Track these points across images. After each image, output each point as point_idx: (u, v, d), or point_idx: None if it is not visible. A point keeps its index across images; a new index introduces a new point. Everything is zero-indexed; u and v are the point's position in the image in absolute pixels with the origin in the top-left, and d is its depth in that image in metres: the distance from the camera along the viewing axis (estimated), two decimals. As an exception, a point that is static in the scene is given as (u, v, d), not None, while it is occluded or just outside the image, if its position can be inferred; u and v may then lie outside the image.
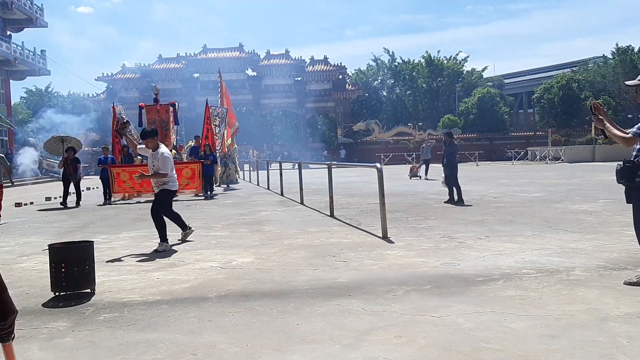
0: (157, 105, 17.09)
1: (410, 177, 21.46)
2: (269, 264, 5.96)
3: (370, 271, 5.44)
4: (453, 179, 11.63)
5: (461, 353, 3.21)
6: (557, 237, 6.97)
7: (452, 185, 11.66)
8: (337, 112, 52.34)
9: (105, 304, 4.59)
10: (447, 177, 11.76)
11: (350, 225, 8.85)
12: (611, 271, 5.08)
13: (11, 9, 34.96)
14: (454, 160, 11.80)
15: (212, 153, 16.63)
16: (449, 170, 11.71)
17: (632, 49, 48.45)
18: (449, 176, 11.69)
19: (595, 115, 4.64)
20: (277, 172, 16.66)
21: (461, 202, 11.38)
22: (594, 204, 10.56)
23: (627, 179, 4.54)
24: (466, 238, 7.16)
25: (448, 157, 11.82)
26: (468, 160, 41.50)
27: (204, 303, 4.49)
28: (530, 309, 4.00)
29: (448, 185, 11.76)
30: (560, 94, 47.74)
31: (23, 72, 39.88)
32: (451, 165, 11.69)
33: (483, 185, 16.89)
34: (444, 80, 61.45)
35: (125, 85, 51.16)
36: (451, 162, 11.73)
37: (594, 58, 55.56)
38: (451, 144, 12.07)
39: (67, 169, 14.42)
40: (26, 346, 3.58)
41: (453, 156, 11.83)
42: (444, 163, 11.86)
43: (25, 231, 9.53)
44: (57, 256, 4.78)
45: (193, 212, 11.92)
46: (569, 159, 35.57)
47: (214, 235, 8.20)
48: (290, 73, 52.06)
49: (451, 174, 11.66)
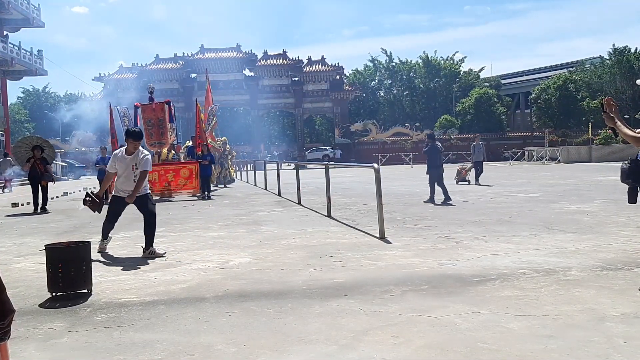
0: (153, 104, 17.09)
1: (457, 181, 18.00)
2: (266, 264, 5.96)
3: (368, 271, 5.44)
4: (438, 179, 11.95)
5: (458, 353, 3.22)
6: (554, 238, 6.98)
7: (437, 185, 11.98)
8: (335, 112, 52.39)
9: (102, 304, 4.59)
10: (431, 178, 12.11)
11: (347, 225, 8.86)
12: (608, 271, 5.09)
13: (8, 8, 34.85)
14: (439, 160, 12.21)
15: (209, 153, 16.63)
16: (433, 171, 12.04)
17: (629, 49, 48.62)
18: (433, 176, 12.04)
19: (606, 113, 4.50)
20: (272, 172, 16.65)
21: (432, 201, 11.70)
22: (591, 204, 10.59)
23: (633, 179, 4.48)
24: (463, 238, 7.17)
25: (431, 157, 12.18)
26: (465, 161, 41.59)
27: (201, 303, 4.48)
28: (527, 309, 4.01)
29: (431, 185, 12.10)
30: (557, 94, 47.86)
31: (20, 72, 39.76)
32: (435, 166, 12.07)
33: (480, 185, 16.92)
34: (441, 81, 61.57)
35: (122, 85, 51.09)
36: (435, 163, 12.12)
37: (591, 58, 55.73)
38: (433, 145, 12.35)
39: (37, 167, 12.91)
40: (23, 347, 3.57)
41: (437, 157, 12.18)
42: (428, 164, 12.29)
43: (22, 231, 9.51)
44: (54, 256, 4.76)
45: (190, 212, 11.91)
46: (565, 159, 35.64)
47: (211, 236, 8.20)
48: (287, 73, 52.10)
49: (435, 175, 11.99)
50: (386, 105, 63.38)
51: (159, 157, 17.33)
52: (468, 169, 18.44)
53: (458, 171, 18.63)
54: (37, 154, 12.99)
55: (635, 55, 47.71)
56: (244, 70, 52.87)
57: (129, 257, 6.64)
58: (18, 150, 13.95)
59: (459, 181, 17.96)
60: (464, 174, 18.23)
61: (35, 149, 13.01)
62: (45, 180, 13.03)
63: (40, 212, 12.72)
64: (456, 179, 18.15)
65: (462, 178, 18.08)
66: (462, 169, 18.73)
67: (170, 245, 7.37)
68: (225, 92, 49.52)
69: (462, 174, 18.26)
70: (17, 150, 14.03)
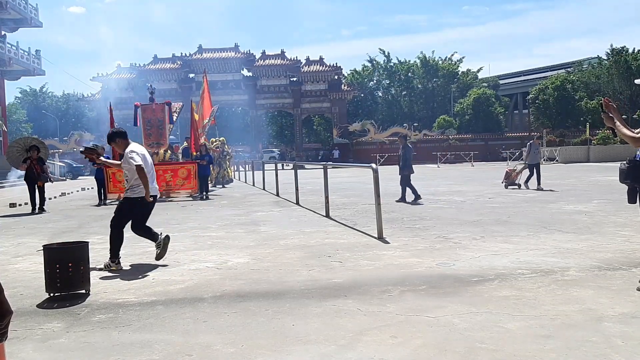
0: (153, 105, 17.08)
1: (507, 185, 15.55)
2: (265, 264, 5.96)
3: (366, 271, 5.44)
4: (407, 180, 12.56)
5: (456, 353, 3.22)
6: (551, 238, 6.99)
7: (407, 185, 12.56)
8: (333, 112, 52.36)
9: (100, 304, 4.58)
10: (404, 179, 12.61)
11: (345, 225, 8.86)
12: (606, 271, 5.09)
13: (6, 8, 34.76)
14: (409, 162, 12.84)
15: (207, 154, 16.63)
16: (404, 172, 12.63)
17: (627, 50, 48.63)
18: (407, 177, 12.59)
19: (606, 113, 4.48)
20: (270, 172, 16.65)
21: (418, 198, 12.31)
22: (589, 205, 10.60)
23: (632, 179, 4.47)
24: (461, 238, 7.17)
25: (404, 160, 12.72)
26: (463, 161, 41.63)
27: (199, 304, 4.48)
28: (525, 309, 4.01)
29: (402, 186, 12.60)
30: (555, 94, 47.90)
31: (17, 72, 39.68)
32: (407, 167, 12.70)
33: (478, 185, 16.94)
34: (439, 81, 61.65)
35: (121, 85, 51.02)
36: (407, 164, 12.75)
37: (589, 59, 55.79)
38: (406, 147, 12.94)
39: (34, 168, 12.79)
40: (20, 347, 3.57)
41: (409, 159, 12.77)
42: (400, 165, 12.85)
43: (20, 232, 9.49)
44: (51, 257, 4.76)
45: (188, 212, 11.90)
46: (563, 159, 35.66)
47: (209, 236, 8.19)
48: (285, 73, 52.08)
49: (408, 176, 12.63)
50: (384, 105, 63.42)
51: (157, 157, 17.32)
52: (519, 171, 15.80)
53: (507, 173, 15.93)
54: (34, 154, 12.88)
55: (633, 56, 47.73)
56: (242, 71, 52.83)
57: (126, 257, 6.63)
58: (11, 151, 13.78)
59: (508, 185, 15.51)
60: (514, 177, 15.70)
61: (31, 149, 12.91)
62: (42, 181, 12.94)
63: (38, 212, 12.66)
64: (504, 182, 15.72)
65: (511, 182, 15.60)
66: (512, 170, 16.00)
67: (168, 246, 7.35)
68: (223, 92, 49.48)
69: (511, 177, 15.72)
70: (10, 152, 13.84)
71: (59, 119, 60.97)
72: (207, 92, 22.41)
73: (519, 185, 15.34)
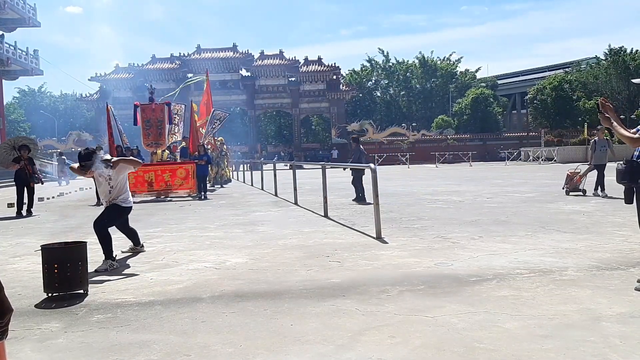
0: (152, 105, 17.07)
1: (568, 191, 12.92)
2: (263, 264, 5.96)
3: (364, 271, 5.44)
4: (359, 181, 12.95)
5: (455, 353, 3.22)
6: (550, 238, 7.00)
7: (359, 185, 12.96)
8: (331, 112, 52.39)
9: (98, 304, 4.57)
10: (355, 179, 12.97)
11: (344, 225, 8.86)
12: (604, 271, 5.10)
13: (4, 8, 34.69)
14: (362, 163, 13.06)
15: (206, 153, 16.61)
16: (357, 173, 12.98)
17: (625, 50, 48.75)
18: (360, 177, 12.98)
19: (602, 113, 4.48)
20: (269, 172, 16.63)
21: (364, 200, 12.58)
22: (587, 205, 10.62)
23: (629, 180, 4.47)
24: (460, 238, 7.18)
25: (356, 160, 13.06)
26: (461, 161, 41.68)
27: (198, 304, 4.48)
28: (524, 309, 4.01)
29: (357, 184, 12.95)
30: (553, 94, 47.96)
31: (16, 72, 39.62)
32: (359, 168, 12.94)
33: (476, 185, 16.95)
34: (438, 81, 61.72)
35: (119, 85, 51.00)
36: (361, 163, 13.06)
37: (587, 59, 55.90)
38: (358, 148, 13.34)
39: (26, 169, 12.14)
40: (19, 347, 3.56)
41: (360, 160, 13.07)
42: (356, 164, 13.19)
43: (18, 232, 9.48)
44: (50, 257, 4.75)
45: (187, 212, 11.89)
46: (561, 159, 35.73)
47: (207, 236, 8.18)
48: (284, 73, 52.10)
49: (358, 176, 12.99)
50: (383, 105, 63.46)
51: (155, 156, 17.31)
52: (583, 174, 12.99)
53: (568, 177, 13.20)
54: (25, 154, 12.17)
55: (631, 56, 47.85)
56: (240, 70, 52.80)
57: (125, 257, 6.62)
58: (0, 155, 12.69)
59: (570, 191, 12.90)
60: (577, 181, 12.94)
61: (22, 149, 12.18)
62: (33, 182, 12.37)
63: (26, 215, 12.04)
64: (566, 187, 13.07)
65: (574, 187, 12.90)
66: (575, 174, 13.11)
67: (166, 246, 7.36)
68: (221, 92, 49.42)
69: (574, 182, 12.96)
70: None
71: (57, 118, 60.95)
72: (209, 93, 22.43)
73: (583, 192, 12.75)
